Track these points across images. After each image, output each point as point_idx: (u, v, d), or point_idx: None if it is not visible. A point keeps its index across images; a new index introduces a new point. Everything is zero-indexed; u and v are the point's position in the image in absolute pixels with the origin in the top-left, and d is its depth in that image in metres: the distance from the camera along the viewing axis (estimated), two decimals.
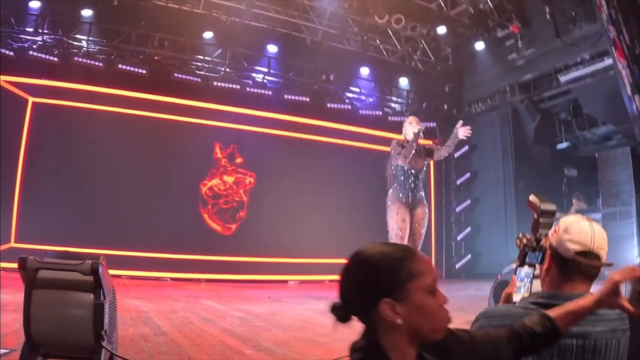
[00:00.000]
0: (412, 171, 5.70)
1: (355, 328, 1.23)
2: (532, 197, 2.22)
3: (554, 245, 1.70)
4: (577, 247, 1.64)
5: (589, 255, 1.65)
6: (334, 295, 1.23)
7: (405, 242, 5.54)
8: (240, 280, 10.11)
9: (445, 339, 1.30)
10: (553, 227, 1.79)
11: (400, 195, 5.62)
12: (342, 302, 1.25)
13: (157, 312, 4.74)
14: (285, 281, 10.55)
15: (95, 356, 2.16)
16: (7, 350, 2.53)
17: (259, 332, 3.64)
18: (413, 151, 5.61)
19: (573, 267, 1.66)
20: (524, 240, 2.07)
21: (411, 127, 5.80)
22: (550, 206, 2.11)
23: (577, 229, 1.68)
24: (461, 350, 1.36)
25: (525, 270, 2.05)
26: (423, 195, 5.87)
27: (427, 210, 5.95)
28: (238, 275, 10.25)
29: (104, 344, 2.16)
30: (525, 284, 2.03)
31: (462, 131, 5.89)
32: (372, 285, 1.22)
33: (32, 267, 2.18)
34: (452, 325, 1.28)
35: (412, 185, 5.67)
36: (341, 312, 1.24)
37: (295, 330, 3.73)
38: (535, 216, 2.17)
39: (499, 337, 1.42)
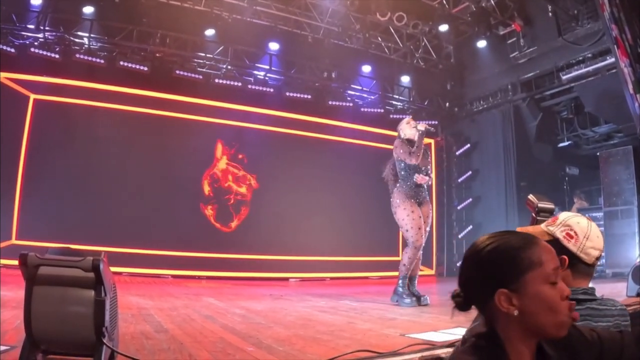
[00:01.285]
0: (420, 169, 5.69)
1: (357, 327, 1.22)
2: (530, 196, 2.21)
3: (573, 251, 1.72)
4: (597, 253, 1.73)
5: (600, 257, 1.76)
6: (335, 293, 1.23)
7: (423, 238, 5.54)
8: (242, 277, 10.11)
9: (571, 336, 1.27)
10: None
11: (409, 193, 5.61)
12: (461, 290, 1.24)
13: (158, 309, 4.74)
14: (287, 279, 10.55)
15: (96, 353, 2.16)
16: (8, 347, 2.52)
17: (260, 330, 3.64)
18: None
19: (589, 269, 1.74)
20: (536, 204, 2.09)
21: (409, 127, 5.82)
22: (547, 205, 2.10)
23: (595, 234, 1.75)
24: (588, 352, 1.32)
25: None
26: (427, 193, 5.87)
27: (431, 208, 5.96)
28: (239, 273, 10.25)
29: (104, 340, 2.16)
30: None
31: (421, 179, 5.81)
32: (488, 275, 1.20)
33: (32, 263, 2.18)
34: (456, 325, 1.26)
35: (418, 183, 5.66)
36: (460, 300, 1.24)
37: (297, 327, 3.73)
38: (533, 215, 2.15)
39: (628, 339, 1.36)
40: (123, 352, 2.43)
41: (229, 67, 11.02)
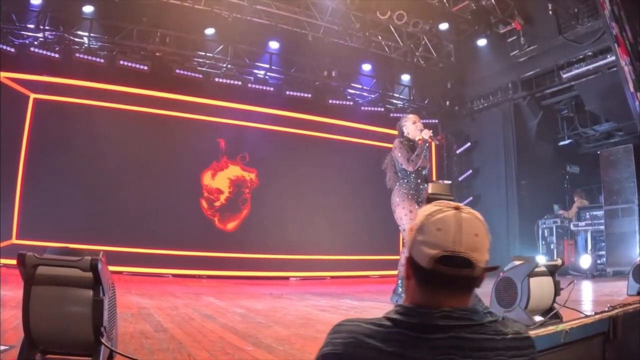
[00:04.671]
0: (419, 169, 5.66)
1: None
2: (428, 185, 1.88)
3: (408, 249, 1.33)
4: (433, 253, 1.23)
5: (454, 260, 1.23)
6: (335, 292, 1.22)
7: None
8: (242, 276, 10.11)
9: None
10: None
11: (410, 192, 5.58)
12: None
13: (157, 308, 4.73)
14: (287, 278, 10.55)
15: (94, 353, 2.16)
16: (7, 347, 2.52)
17: (259, 329, 3.63)
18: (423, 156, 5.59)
19: (434, 278, 1.25)
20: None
21: (415, 127, 5.73)
22: (436, 187, 1.79)
23: (435, 225, 1.27)
24: None
25: None
26: None
27: None
28: (239, 272, 10.25)
29: (103, 340, 2.15)
30: None
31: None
32: None
33: (31, 263, 2.18)
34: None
35: (419, 181, 5.64)
36: None
37: (297, 327, 3.72)
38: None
39: None
40: (121, 352, 2.42)
41: (229, 66, 11.02)
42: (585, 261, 9.34)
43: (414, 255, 1.29)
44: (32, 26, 9.21)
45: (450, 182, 5.81)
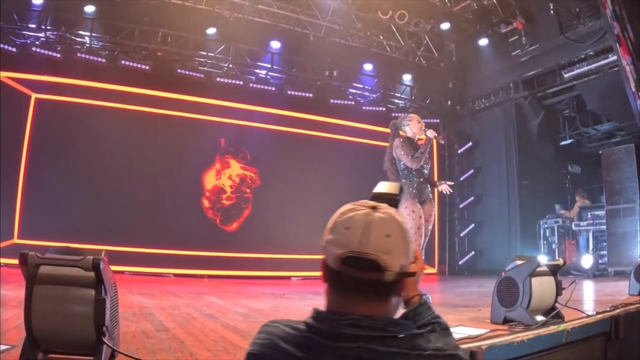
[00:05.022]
0: (421, 168, 5.65)
1: None
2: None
3: (322, 249, 1.27)
4: (340, 252, 1.18)
5: (360, 261, 1.15)
6: None
7: (423, 239, 5.50)
8: (243, 276, 10.12)
9: None
10: None
11: (412, 191, 5.56)
12: None
13: (159, 308, 4.73)
14: (288, 277, 10.55)
15: (96, 352, 2.16)
16: (9, 347, 2.52)
17: None
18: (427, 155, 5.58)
19: (343, 280, 1.19)
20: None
21: (419, 127, 5.73)
22: (382, 186, 1.54)
23: (344, 224, 1.22)
24: None
25: None
26: (430, 191, 5.83)
27: (433, 206, 5.92)
28: (241, 272, 10.26)
29: (105, 340, 2.15)
30: None
31: (444, 187, 5.83)
32: None
33: (32, 262, 2.18)
34: (458, 323, 1.25)
35: (421, 180, 5.63)
36: None
37: None
38: None
39: None
40: (123, 351, 2.42)
41: (231, 65, 11.03)
42: (586, 261, 9.32)
43: (325, 256, 1.24)
44: (33, 26, 9.22)
45: (398, 184, 5.69)
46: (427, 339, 1.18)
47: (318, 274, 1.30)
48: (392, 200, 1.39)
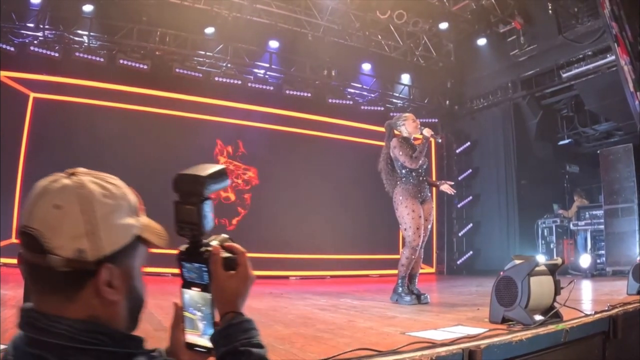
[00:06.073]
0: (420, 168, 5.66)
1: (357, 325, 1.21)
2: None
3: None
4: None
5: (22, 237, 0.98)
6: (335, 291, 1.21)
7: (422, 238, 5.51)
8: None
9: None
10: None
11: (412, 190, 5.57)
12: None
13: (158, 307, 4.72)
14: (287, 277, 10.55)
15: None
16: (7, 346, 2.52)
17: (260, 328, 3.62)
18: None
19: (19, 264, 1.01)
20: None
21: (415, 126, 5.76)
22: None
23: (30, 194, 0.99)
24: None
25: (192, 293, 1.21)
26: (429, 190, 5.84)
27: (433, 205, 5.94)
28: None
29: None
30: (204, 312, 1.18)
31: (446, 187, 5.87)
32: None
33: None
34: (456, 322, 1.24)
35: (420, 179, 5.64)
36: None
37: (297, 326, 3.72)
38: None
39: None
40: None
41: (229, 65, 11.02)
42: (584, 260, 9.34)
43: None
44: (32, 25, 9.20)
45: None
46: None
47: (316, 273, 1.30)
48: (197, 183, 1.12)
